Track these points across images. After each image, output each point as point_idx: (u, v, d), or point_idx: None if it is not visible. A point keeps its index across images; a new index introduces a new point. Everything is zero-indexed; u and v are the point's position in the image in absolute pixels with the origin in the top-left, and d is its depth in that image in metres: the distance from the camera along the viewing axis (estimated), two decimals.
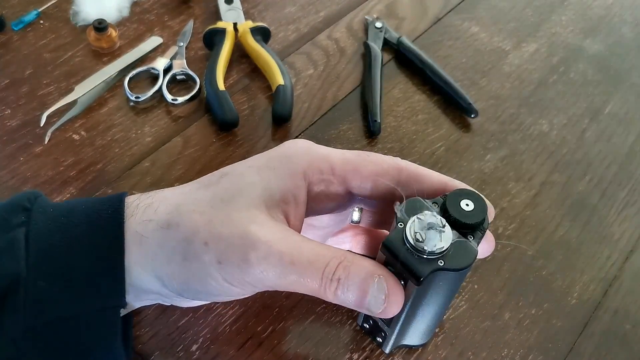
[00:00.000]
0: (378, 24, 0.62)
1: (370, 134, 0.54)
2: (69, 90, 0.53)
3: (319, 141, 0.38)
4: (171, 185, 0.48)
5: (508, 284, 0.46)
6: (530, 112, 0.58)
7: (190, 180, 0.36)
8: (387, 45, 0.61)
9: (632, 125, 0.58)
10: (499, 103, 0.58)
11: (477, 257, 0.32)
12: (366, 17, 0.64)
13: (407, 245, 0.31)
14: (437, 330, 0.43)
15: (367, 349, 0.41)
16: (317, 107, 0.56)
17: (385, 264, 0.32)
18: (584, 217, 0.51)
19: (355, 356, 0.41)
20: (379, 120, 0.54)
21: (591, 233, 0.50)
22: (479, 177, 0.52)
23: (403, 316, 0.35)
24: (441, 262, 0.31)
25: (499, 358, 0.42)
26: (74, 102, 0.52)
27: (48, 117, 0.51)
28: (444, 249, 0.31)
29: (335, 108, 0.56)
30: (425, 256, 0.31)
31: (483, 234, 0.33)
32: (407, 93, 0.58)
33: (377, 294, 0.30)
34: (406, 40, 0.61)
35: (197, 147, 0.51)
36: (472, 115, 0.56)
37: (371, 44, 0.60)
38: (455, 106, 0.57)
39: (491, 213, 0.35)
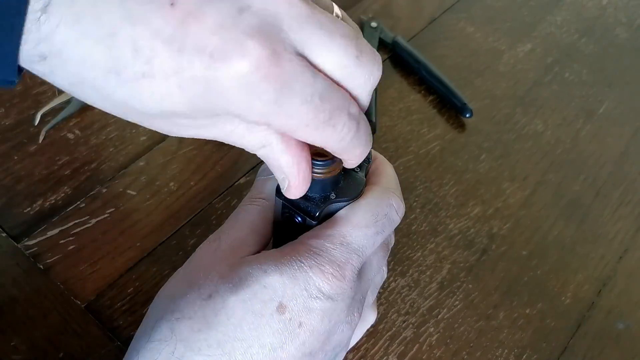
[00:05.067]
0: (373, 24, 0.62)
1: None
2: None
3: None
4: (167, 185, 0.48)
5: (502, 284, 0.46)
6: (525, 111, 0.58)
7: (186, 181, 0.35)
8: (382, 45, 0.61)
9: (626, 125, 0.58)
10: (494, 103, 0.58)
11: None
12: (361, 16, 0.64)
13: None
14: (431, 329, 0.43)
15: (362, 348, 0.41)
16: None
17: (282, 212, 0.33)
18: (578, 216, 0.51)
19: (350, 356, 0.41)
20: (374, 120, 0.54)
21: (585, 233, 0.50)
22: (474, 176, 0.52)
23: None
24: (333, 195, 0.32)
25: (493, 357, 0.42)
26: (68, 101, 0.52)
27: (42, 115, 0.51)
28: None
29: None
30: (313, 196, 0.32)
31: (369, 164, 0.35)
32: (402, 93, 0.58)
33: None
34: (401, 40, 0.61)
35: (192, 147, 0.51)
36: (467, 115, 0.56)
37: None
38: (450, 106, 0.57)
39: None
